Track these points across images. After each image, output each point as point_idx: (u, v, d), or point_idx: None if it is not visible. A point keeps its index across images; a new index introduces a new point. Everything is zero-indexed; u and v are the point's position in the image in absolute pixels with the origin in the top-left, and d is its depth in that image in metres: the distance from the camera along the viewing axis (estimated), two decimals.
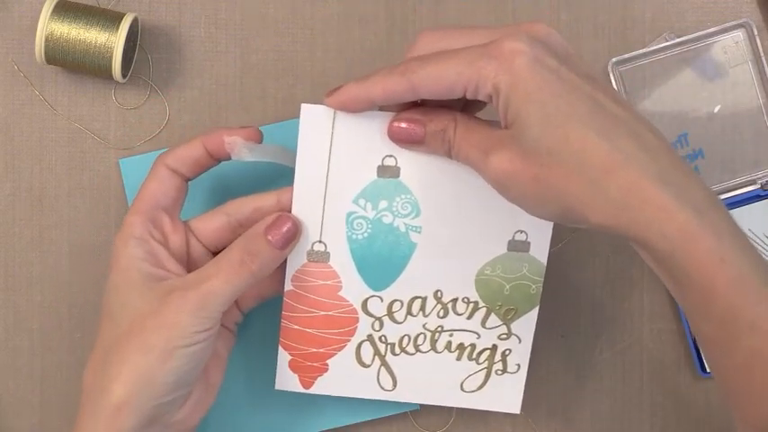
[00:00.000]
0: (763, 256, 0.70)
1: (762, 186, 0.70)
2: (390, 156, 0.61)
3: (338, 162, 0.61)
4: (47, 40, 0.66)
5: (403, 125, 0.59)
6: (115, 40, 0.66)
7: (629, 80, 0.70)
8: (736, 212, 0.70)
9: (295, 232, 0.61)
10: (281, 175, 0.66)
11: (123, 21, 0.67)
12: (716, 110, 0.71)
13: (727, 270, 0.51)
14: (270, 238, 0.60)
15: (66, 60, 0.67)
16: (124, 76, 0.68)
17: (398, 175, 0.61)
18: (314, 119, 0.60)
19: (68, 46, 0.66)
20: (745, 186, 0.71)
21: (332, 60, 0.71)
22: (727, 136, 0.71)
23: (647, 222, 0.52)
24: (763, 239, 0.70)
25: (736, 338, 0.52)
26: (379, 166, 0.61)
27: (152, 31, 0.70)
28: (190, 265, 0.63)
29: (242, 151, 0.62)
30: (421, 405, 0.70)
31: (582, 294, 0.72)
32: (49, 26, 0.66)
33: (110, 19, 0.67)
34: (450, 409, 0.71)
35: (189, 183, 0.64)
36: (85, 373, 0.60)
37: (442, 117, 0.58)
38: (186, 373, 0.59)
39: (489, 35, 0.56)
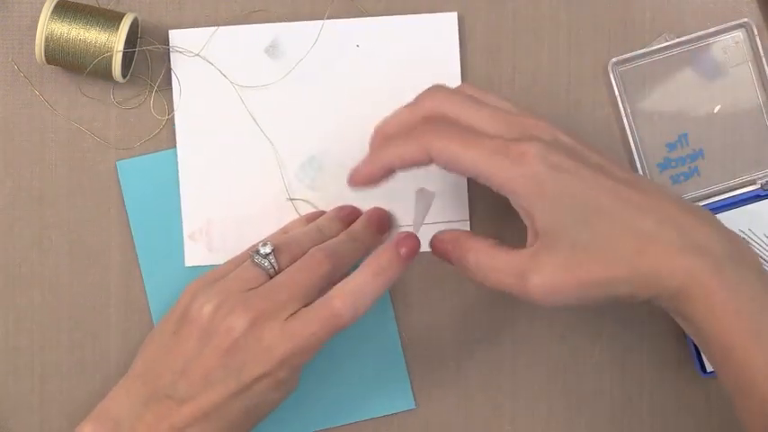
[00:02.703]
0: (763, 255, 0.70)
1: (762, 186, 0.70)
2: None
3: None
4: (47, 40, 0.66)
5: (438, 245, 0.62)
6: (115, 40, 0.66)
7: (628, 80, 0.70)
8: (736, 212, 0.70)
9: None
10: None
11: (123, 21, 0.67)
12: (716, 110, 0.71)
13: (745, 322, 0.55)
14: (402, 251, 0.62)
15: (66, 60, 0.67)
16: (124, 76, 0.68)
17: None
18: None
19: (68, 46, 0.66)
20: (745, 186, 0.70)
21: None
22: (727, 136, 0.71)
23: (676, 288, 0.56)
24: (763, 239, 0.70)
25: (753, 385, 0.55)
26: None
27: (152, 31, 0.70)
28: None
29: None
30: (418, 404, 0.70)
31: None
32: (49, 26, 0.66)
33: (110, 19, 0.67)
34: (450, 407, 0.71)
35: None
36: None
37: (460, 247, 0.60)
38: None
39: (500, 123, 0.58)
